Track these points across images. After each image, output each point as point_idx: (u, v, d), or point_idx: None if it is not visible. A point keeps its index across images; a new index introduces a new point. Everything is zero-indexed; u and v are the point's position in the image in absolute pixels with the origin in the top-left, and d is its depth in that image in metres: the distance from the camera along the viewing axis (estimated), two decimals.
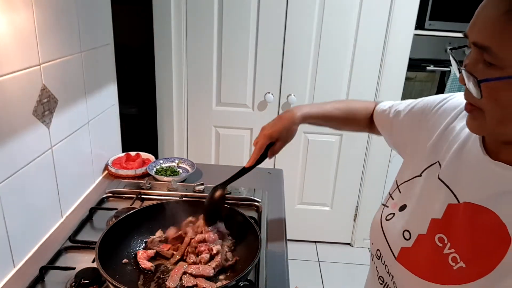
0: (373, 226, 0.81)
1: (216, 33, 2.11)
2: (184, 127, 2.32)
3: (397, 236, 0.72)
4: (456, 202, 0.65)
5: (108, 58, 1.43)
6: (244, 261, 0.91)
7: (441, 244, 0.65)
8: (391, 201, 0.79)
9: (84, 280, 0.87)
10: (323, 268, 2.37)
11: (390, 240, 0.74)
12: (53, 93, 1.06)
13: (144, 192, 1.29)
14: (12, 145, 0.90)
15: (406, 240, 0.70)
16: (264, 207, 1.26)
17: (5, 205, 0.89)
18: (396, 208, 0.76)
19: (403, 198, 0.76)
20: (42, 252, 1.02)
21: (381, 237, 0.76)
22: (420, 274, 0.66)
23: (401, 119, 0.86)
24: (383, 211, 0.79)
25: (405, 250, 0.70)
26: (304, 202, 2.48)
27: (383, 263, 0.75)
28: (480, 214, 0.61)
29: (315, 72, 2.17)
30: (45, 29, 1.00)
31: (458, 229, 0.63)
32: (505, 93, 0.52)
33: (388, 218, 0.76)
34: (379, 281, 0.77)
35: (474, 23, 0.55)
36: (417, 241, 0.69)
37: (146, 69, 2.27)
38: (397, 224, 0.74)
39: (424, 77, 2.25)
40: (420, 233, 0.69)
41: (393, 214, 0.76)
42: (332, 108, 1.02)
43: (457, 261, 0.62)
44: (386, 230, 0.76)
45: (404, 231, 0.71)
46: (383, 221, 0.77)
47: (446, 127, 0.72)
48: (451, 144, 0.69)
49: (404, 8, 2.02)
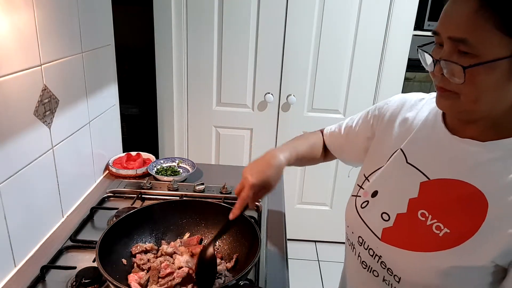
0: (350, 216, 0.85)
1: (216, 34, 2.12)
2: (185, 127, 2.33)
3: (376, 219, 0.78)
4: (426, 180, 0.72)
5: (109, 59, 1.43)
6: (244, 261, 0.91)
7: (423, 218, 0.71)
8: (362, 190, 0.84)
9: (85, 279, 0.88)
10: (322, 268, 2.37)
11: (371, 225, 0.79)
12: (54, 93, 1.06)
13: (145, 192, 1.30)
14: (13, 145, 0.91)
15: (385, 221, 0.76)
16: (264, 206, 1.26)
17: (6, 204, 0.89)
18: (369, 196, 0.81)
19: (373, 186, 0.82)
20: (43, 251, 1.02)
21: (360, 224, 0.81)
22: (408, 247, 0.71)
23: (357, 130, 0.95)
24: (356, 201, 0.84)
25: (387, 230, 0.75)
26: (304, 201, 2.49)
27: (366, 248, 0.79)
28: (455, 187, 0.68)
29: (315, 72, 2.17)
30: (46, 30, 1.00)
31: (436, 203, 0.70)
32: (483, 77, 0.59)
33: (363, 205, 0.82)
34: (362, 266, 0.81)
35: (446, 20, 0.62)
36: (397, 220, 0.75)
37: (146, 70, 2.27)
38: (373, 208, 0.79)
39: (423, 77, 2.25)
40: (398, 213, 0.75)
41: (367, 201, 0.81)
42: (300, 147, 1.01)
43: (441, 229, 0.68)
44: (364, 216, 0.81)
45: (382, 213, 0.77)
46: (359, 209, 0.82)
47: (397, 120, 0.83)
48: (408, 132, 0.79)
49: (403, 9, 2.03)
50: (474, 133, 0.68)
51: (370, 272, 0.79)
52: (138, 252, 0.93)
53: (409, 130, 0.79)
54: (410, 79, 2.22)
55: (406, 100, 0.86)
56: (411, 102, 0.84)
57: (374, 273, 0.78)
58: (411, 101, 0.84)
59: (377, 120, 0.89)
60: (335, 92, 2.22)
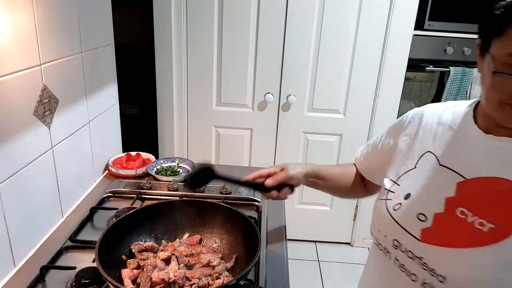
0: (381, 220, 0.84)
1: (216, 33, 2.12)
2: (185, 127, 2.32)
3: (413, 220, 0.77)
4: (463, 180, 0.73)
5: (109, 58, 1.43)
6: (244, 261, 0.91)
7: (463, 216, 0.71)
8: (392, 194, 0.84)
9: (85, 279, 0.88)
10: (323, 268, 2.37)
11: (407, 226, 0.78)
12: (54, 93, 1.06)
13: (145, 192, 1.30)
14: (13, 145, 0.91)
15: (423, 221, 0.76)
16: (264, 206, 1.26)
17: (6, 204, 0.89)
18: (401, 198, 0.81)
19: (405, 189, 0.82)
20: (43, 251, 1.02)
21: (395, 227, 0.80)
22: (452, 244, 0.71)
23: (381, 144, 0.97)
24: (387, 204, 0.83)
25: (426, 230, 0.75)
26: (304, 201, 2.49)
27: (404, 250, 0.78)
28: (494, 184, 0.70)
29: (315, 72, 2.17)
30: (46, 30, 1.00)
31: (475, 200, 0.71)
32: None
33: (396, 208, 0.81)
34: (401, 269, 0.79)
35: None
36: (435, 220, 0.75)
37: (146, 69, 2.27)
38: (408, 210, 0.79)
39: (423, 77, 2.25)
40: (436, 212, 0.75)
41: (399, 203, 0.81)
42: (327, 166, 1.07)
43: (484, 225, 0.68)
44: (399, 219, 0.80)
45: (418, 214, 0.77)
46: (392, 212, 0.81)
47: (420, 126, 0.85)
48: (434, 136, 0.82)
49: (403, 9, 2.03)
50: (508, 132, 0.70)
51: (408, 275, 0.78)
52: (137, 250, 0.93)
53: (435, 134, 0.82)
54: (410, 79, 2.22)
55: (424, 109, 0.88)
56: (431, 109, 0.87)
57: (412, 277, 0.76)
58: (430, 109, 0.87)
59: (399, 129, 0.91)
60: (335, 92, 2.22)
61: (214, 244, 1.00)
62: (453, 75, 2.11)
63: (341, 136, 2.30)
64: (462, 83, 2.11)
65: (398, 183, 0.84)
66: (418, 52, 2.14)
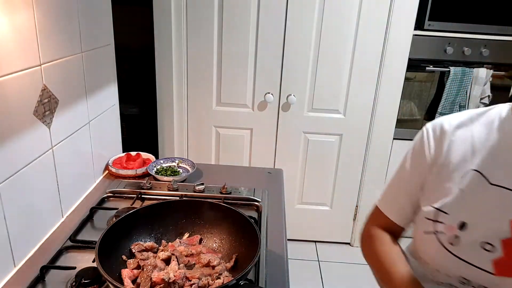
0: (440, 259, 0.75)
1: (216, 33, 2.12)
2: (185, 127, 2.32)
3: (478, 253, 0.69)
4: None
5: (109, 58, 1.43)
6: (244, 261, 0.91)
7: None
8: (441, 225, 0.74)
9: (85, 279, 0.88)
10: (323, 268, 2.37)
11: (474, 261, 0.70)
12: (54, 93, 1.06)
13: (145, 192, 1.30)
14: (12, 145, 0.90)
15: (490, 252, 0.68)
16: (264, 207, 1.26)
17: (6, 205, 0.89)
18: (455, 229, 0.72)
19: (456, 217, 0.73)
20: (43, 251, 1.02)
21: (459, 263, 0.72)
22: None
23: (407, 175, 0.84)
24: (440, 239, 0.74)
25: (499, 261, 0.67)
26: (304, 202, 2.49)
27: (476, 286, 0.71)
28: None
29: (315, 72, 2.17)
30: (46, 30, 1.00)
31: None
32: None
33: (454, 242, 0.72)
34: None
35: None
36: (505, 247, 0.67)
37: (146, 69, 2.27)
38: (469, 242, 0.70)
39: (423, 77, 2.25)
40: (503, 239, 0.67)
41: (456, 236, 0.72)
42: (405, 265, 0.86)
43: None
44: (461, 254, 0.71)
45: (483, 244, 0.69)
46: (450, 248, 0.73)
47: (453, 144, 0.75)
48: (473, 152, 0.73)
49: (403, 9, 2.03)
50: None
51: None
52: (137, 250, 0.93)
53: (473, 150, 0.73)
54: (410, 79, 2.22)
55: (443, 123, 0.78)
56: (452, 123, 0.77)
57: None
58: (452, 123, 0.77)
59: (422, 150, 0.80)
60: (335, 92, 2.22)
61: (214, 244, 1.00)
62: (453, 75, 2.11)
63: (341, 136, 2.30)
64: (462, 83, 2.11)
65: (444, 211, 0.74)
66: (418, 52, 2.14)
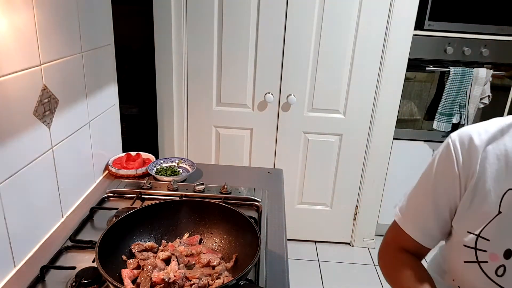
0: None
1: (216, 33, 2.12)
2: (185, 127, 2.32)
3: None
4: None
5: (109, 58, 1.43)
6: (244, 261, 0.91)
7: None
8: (484, 254, 0.70)
9: (85, 279, 0.88)
10: (323, 268, 2.37)
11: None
12: (54, 93, 1.06)
13: (145, 192, 1.30)
14: (12, 145, 0.90)
15: None
16: (264, 206, 1.26)
17: (6, 204, 0.89)
18: (501, 258, 0.68)
19: (500, 245, 0.69)
20: (43, 251, 1.02)
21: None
22: None
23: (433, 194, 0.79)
24: (484, 269, 0.70)
25: None
26: (304, 202, 2.49)
27: None
28: None
29: (315, 72, 2.17)
30: (46, 30, 1.00)
31: None
32: None
33: (500, 273, 0.68)
34: None
35: None
36: None
37: (146, 69, 2.27)
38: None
39: (423, 77, 2.25)
40: None
41: (502, 266, 0.68)
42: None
43: None
44: (509, 285, 0.68)
45: None
46: (497, 279, 0.69)
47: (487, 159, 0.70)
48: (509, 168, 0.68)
49: (403, 9, 2.03)
50: None
51: None
52: (137, 250, 0.93)
53: (507, 167, 0.68)
54: (410, 79, 2.22)
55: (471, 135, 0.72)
56: (483, 137, 0.71)
57: None
58: (482, 137, 0.71)
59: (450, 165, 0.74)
60: (335, 92, 2.22)
61: (214, 244, 1.00)
62: (453, 75, 2.11)
63: (341, 136, 2.30)
64: (462, 83, 2.11)
65: (485, 238, 0.70)
66: (418, 52, 2.14)
